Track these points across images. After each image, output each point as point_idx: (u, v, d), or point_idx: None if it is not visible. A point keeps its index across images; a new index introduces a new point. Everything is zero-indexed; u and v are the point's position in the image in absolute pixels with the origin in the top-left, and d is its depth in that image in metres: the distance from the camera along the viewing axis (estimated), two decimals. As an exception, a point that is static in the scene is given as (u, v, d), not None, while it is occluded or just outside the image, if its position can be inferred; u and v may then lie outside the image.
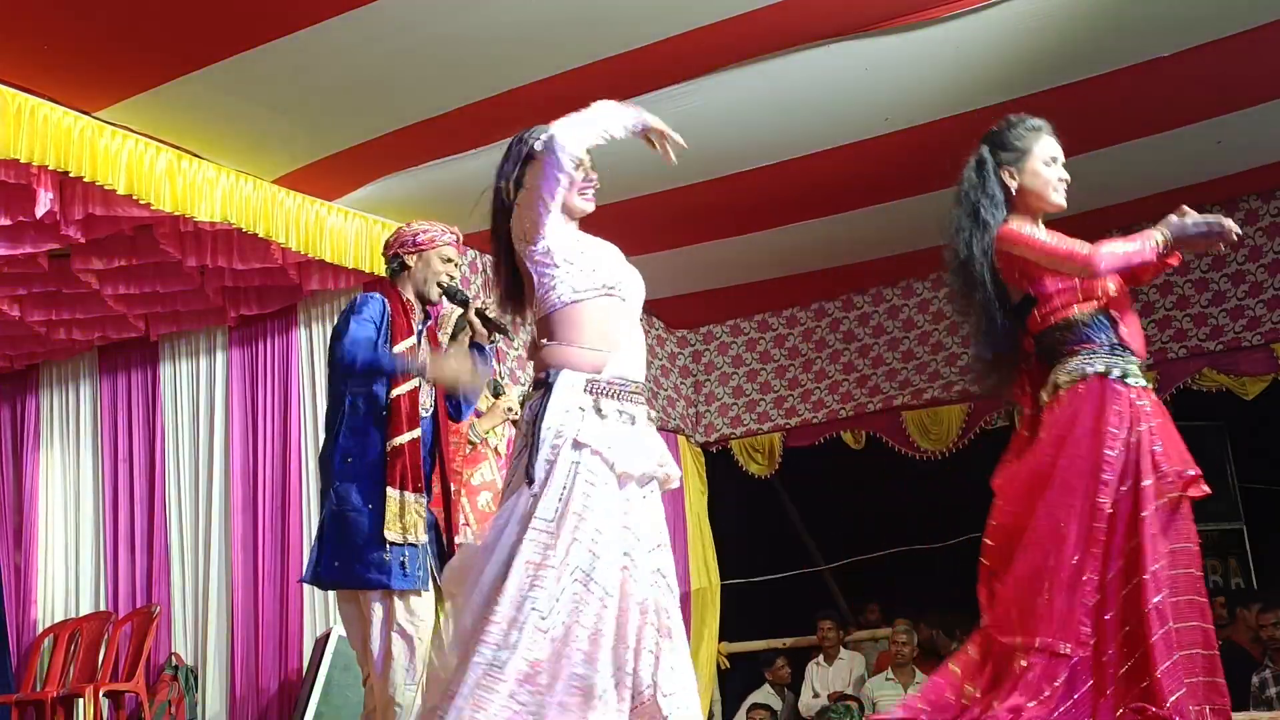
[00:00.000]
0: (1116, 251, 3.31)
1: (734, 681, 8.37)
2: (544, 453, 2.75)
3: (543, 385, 2.83)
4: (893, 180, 6.25)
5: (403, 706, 3.58)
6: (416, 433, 3.73)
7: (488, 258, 7.05)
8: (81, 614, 7.22)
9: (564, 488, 2.73)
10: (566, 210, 2.95)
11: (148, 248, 5.98)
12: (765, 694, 7.93)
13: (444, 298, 3.93)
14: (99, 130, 4.93)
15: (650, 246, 7.08)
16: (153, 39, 4.59)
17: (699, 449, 8.70)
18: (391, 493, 3.65)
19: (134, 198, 5.07)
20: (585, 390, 2.80)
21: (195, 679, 6.85)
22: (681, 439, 8.59)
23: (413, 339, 3.81)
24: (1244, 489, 8.25)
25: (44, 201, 4.97)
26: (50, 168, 4.81)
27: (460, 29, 4.67)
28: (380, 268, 6.22)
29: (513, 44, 4.80)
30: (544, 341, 2.89)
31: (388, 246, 4.00)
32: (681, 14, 4.68)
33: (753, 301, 8.16)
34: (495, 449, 4.82)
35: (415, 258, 3.92)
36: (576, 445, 2.75)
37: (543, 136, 2.87)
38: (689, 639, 3.27)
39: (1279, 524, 8.16)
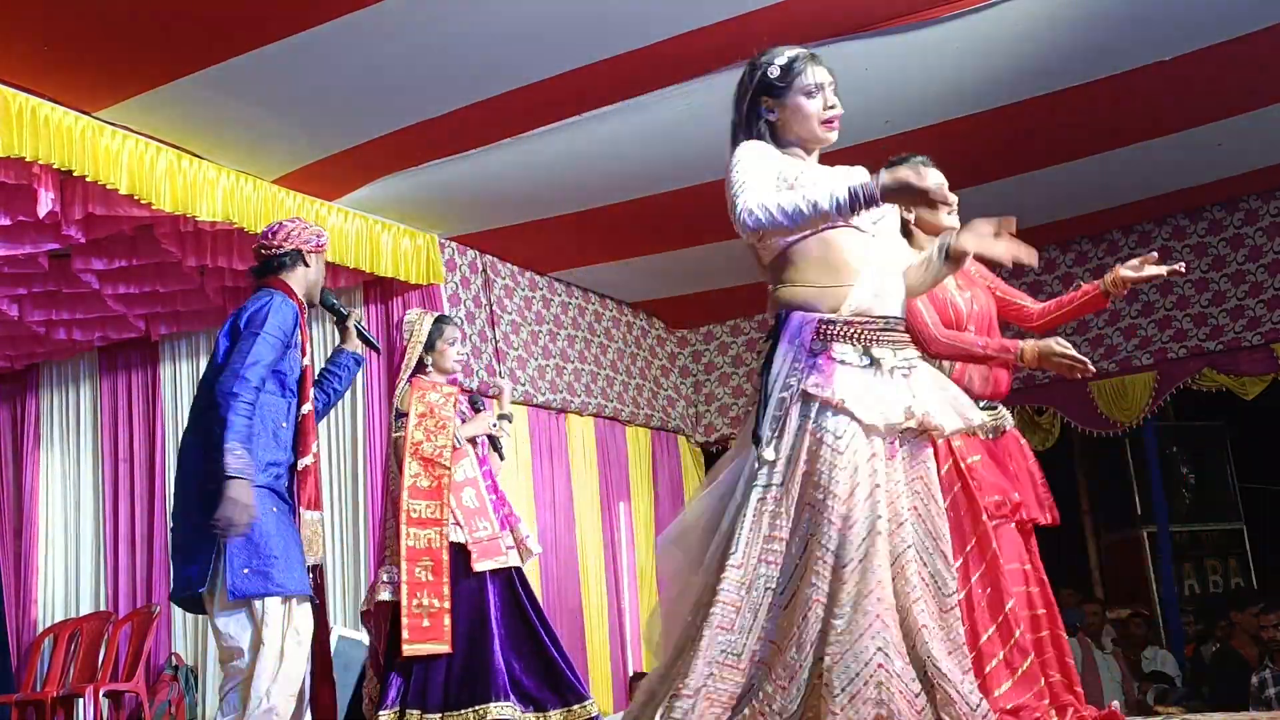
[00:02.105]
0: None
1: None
2: (771, 408, 2.46)
3: (772, 333, 2.55)
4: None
5: (276, 709, 3.42)
6: (315, 450, 3.70)
7: (488, 258, 7.12)
8: (81, 614, 7.21)
9: (792, 448, 2.43)
10: (804, 144, 2.70)
11: (148, 248, 5.97)
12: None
13: (321, 304, 3.84)
14: (99, 130, 4.93)
15: (651, 247, 7.09)
16: (153, 39, 4.59)
17: (699, 449, 8.70)
18: (305, 514, 3.62)
19: (135, 197, 5.07)
20: (817, 335, 2.48)
21: (195, 679, 6.84)
22: (681, 439, 8.60)
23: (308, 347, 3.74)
24: (1244, 489, 8.26)
25: (45, 201, 4.96)
26: (52, 167, 4.81)
27: (460, 30, 4.67)
28: (380, 268, 6.29)
29: (513, 44, 4.80)
30: (773, 286, 2.62)
31: (285, 238, 3.71)
32: (681, 14, 4.68)
33: (753, 301, 8.14)
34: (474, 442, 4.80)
35: (316, 258, 3.76)
36: (806, 398, 2.45)
37: (779, 61, 2.64)
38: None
39: (1279, 524, 8.17)
